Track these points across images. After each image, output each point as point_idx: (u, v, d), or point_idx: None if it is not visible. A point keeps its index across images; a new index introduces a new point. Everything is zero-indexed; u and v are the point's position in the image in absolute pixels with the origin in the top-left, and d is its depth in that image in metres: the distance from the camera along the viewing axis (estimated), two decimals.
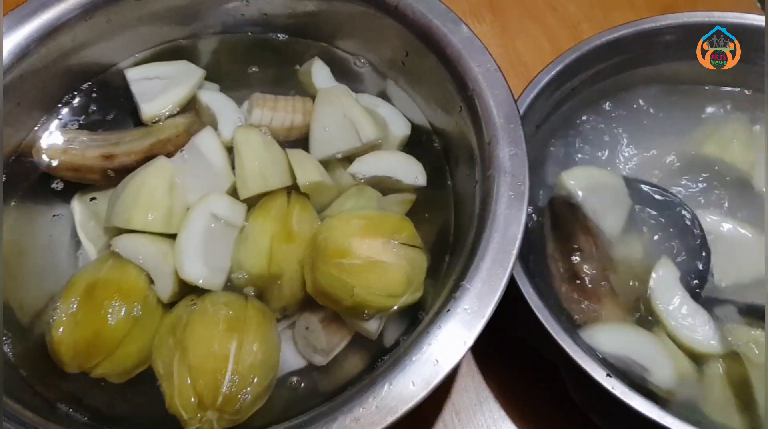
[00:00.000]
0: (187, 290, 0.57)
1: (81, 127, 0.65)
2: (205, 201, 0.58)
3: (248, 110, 0.66)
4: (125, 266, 0.56)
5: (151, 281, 0.56)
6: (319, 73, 0.69)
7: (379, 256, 0.54)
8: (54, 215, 0.62)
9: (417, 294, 0.56)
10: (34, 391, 0.54)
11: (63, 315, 0.54)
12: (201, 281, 0.55)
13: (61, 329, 0.53)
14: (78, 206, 0.62)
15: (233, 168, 0.61)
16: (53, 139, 0.62)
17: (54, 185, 0.62)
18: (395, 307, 0.55)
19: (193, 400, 0.50)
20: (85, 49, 0.65)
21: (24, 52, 0.60)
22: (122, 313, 0.54)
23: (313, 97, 0.67)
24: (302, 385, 0.56)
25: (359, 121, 0.63)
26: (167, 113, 0.65)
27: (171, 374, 0.52)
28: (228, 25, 0.71)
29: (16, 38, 0.60)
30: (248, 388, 0.51)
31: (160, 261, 0.56)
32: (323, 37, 0.72)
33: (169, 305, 0.57)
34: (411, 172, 0.64)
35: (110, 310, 0.53)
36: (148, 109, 0.65)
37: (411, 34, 0.63)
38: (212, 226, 0.57)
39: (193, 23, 0.70)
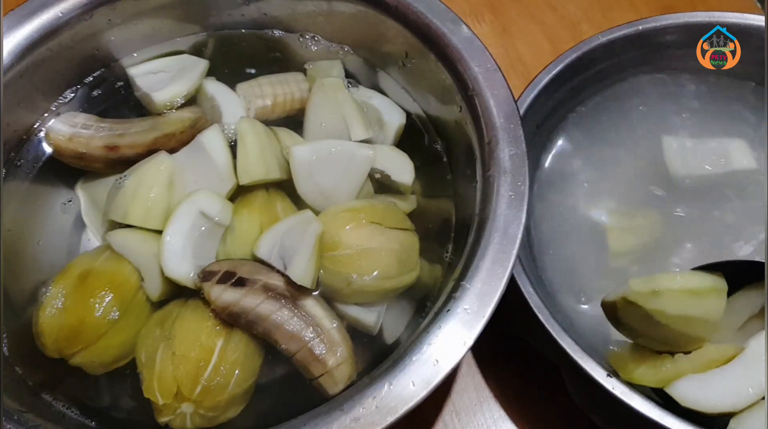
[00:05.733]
0: (176, 292, 0.57)
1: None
2: (192, 198, 0.58)
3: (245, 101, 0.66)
4: (122, 260, 0.56)
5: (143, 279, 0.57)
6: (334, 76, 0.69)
7: (369, 244, 0.56)
8: (63, 203, 0.63)
9: (413, 273, 0.58)
10: (17, 376, 0.54)
11: (52, 298, 0.54)
12: (186, 280, 0.55)
13: (48, 311, 0.54)
14: (82, 193, 0.62)
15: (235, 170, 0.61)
16: (59, 128, 0.62)
17: (63, 170, 0.63)
18: (394, 288, 0.57)
19: (171, 386, 0.51)
20: (86, 47, 0.65)
21: (24, 52, 0.60)
22: (110, 306, 0.54)
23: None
24: (302, 384, 0.56)
25: (351, 119, 0.63)
26: (180, 100, 0.65)
27: (153, 361, 0.52)
28: (228, 24, 0.71)
29: (16, 38, 0.60)
30: (228, 385, 0.52)
31: (150, 260, 0.56)
32: (323, 37, 0.71)
33: (158, 305, 0.57)
34: (400, 167, 0.63)
35: (98, 301, 0.54)
36: (160, 97, 0.65)
37: (411, 34, 0.63)
38: (199, 224, 0.57)
39: (193, 22, 0.70)
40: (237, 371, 0.52)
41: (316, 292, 0.56)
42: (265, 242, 0.55)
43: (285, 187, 0.62)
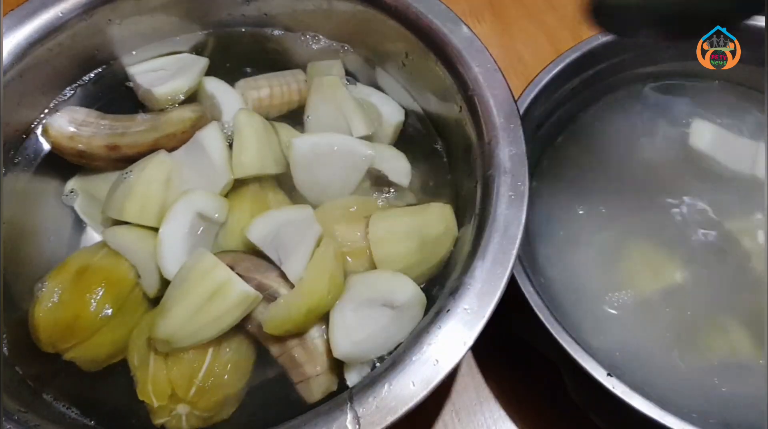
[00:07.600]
0: None
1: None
2: (188, 196, 0.57)
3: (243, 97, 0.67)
4: (119, 256, 0.56)
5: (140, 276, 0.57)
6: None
7: (364, 241, 0.56)
8: (63, 196, 0.63)
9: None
10: (17, 376, 0.54)
11: (49, 293, 0.54)
12: None
13: (43, 306, 0.54)
14: (79, 188, 0.62)
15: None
16: (59, 125, 0.62)
17: (63, 166, 0.63)
18: None
19: (166, 388, 0.51)
20: (86, 46, 0.65)
21: (24, 52, 0.60)
22: (104, 302, 0.54)
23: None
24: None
25: (351, 116, 0.63)
26: (181, 96, 0.65)
27: (147, 363, 0.52)
28: (228, 23, 0.71)
29: (16, 38, 0.60)
30: (222, 386, 0.52)
31: (147, 257, 0.56)
32: (324, 36, 0.71)
33: (155, 302, 0.57)
34: (398, 170, 0.63)
35: (94, 297, 0.54)
36: (161, 90, 0.65)
37: (411, 34, 0.63)
38: (195, 221, 0.57)
39: (193, 21, 0.70)
40: (231, 371, 0.52)
41: None
42: (258, 227, 0.55)
43: (280, 181, 0.62)
